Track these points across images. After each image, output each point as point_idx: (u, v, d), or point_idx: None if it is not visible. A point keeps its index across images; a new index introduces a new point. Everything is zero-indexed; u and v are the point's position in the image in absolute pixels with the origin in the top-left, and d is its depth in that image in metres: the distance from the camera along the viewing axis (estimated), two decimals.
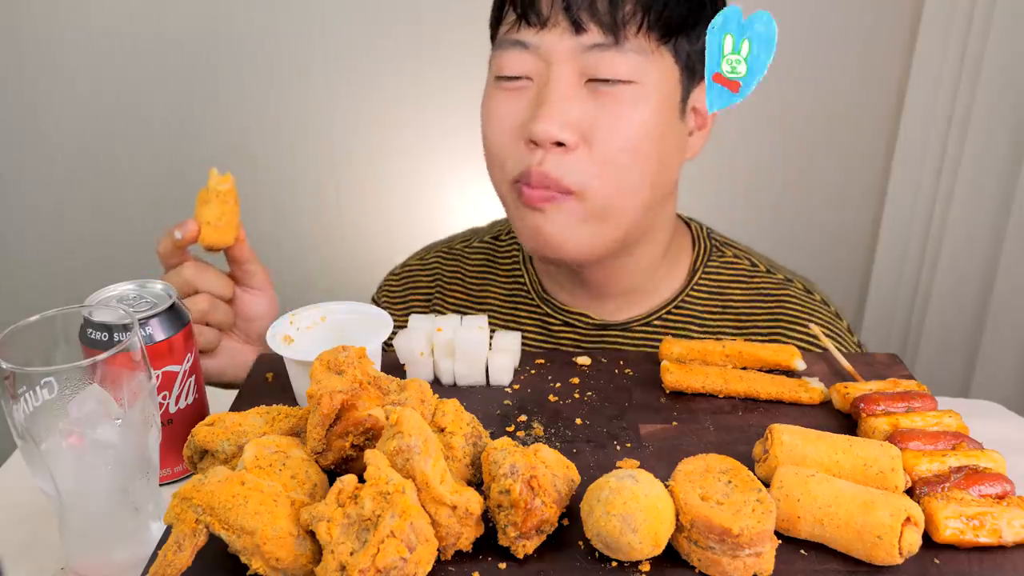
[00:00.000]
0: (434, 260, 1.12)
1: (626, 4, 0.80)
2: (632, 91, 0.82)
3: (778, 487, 0.58)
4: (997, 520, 0.57)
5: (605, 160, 0.83)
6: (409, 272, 1.14)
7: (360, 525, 0.51)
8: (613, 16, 0.80)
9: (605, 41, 0.80)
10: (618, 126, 0.82)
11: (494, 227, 1.13)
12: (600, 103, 0.82)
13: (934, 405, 0.70)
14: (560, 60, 0.82)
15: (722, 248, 1.01)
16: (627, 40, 0.80)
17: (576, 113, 0.82)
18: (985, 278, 1.78)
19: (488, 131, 0.88)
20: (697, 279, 0.98)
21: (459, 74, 1.87)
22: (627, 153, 0.83)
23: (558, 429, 0.71)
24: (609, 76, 0.81)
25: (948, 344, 1.87)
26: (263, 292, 0.92)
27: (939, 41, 1.72)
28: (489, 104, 0.88)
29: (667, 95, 0.84)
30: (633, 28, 0.80)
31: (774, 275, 1.00)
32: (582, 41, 0.81)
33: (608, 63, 0.81)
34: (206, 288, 0.87)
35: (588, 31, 0.80)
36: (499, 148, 0.87)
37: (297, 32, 1.85)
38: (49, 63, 1.86)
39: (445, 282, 1.10)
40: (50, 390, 0.56)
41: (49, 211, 1.99)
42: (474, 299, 1.07)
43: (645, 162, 0.84)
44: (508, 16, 0.85)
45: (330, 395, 0.58)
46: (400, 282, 1.14)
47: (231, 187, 0.85)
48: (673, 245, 0.98)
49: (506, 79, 0.86)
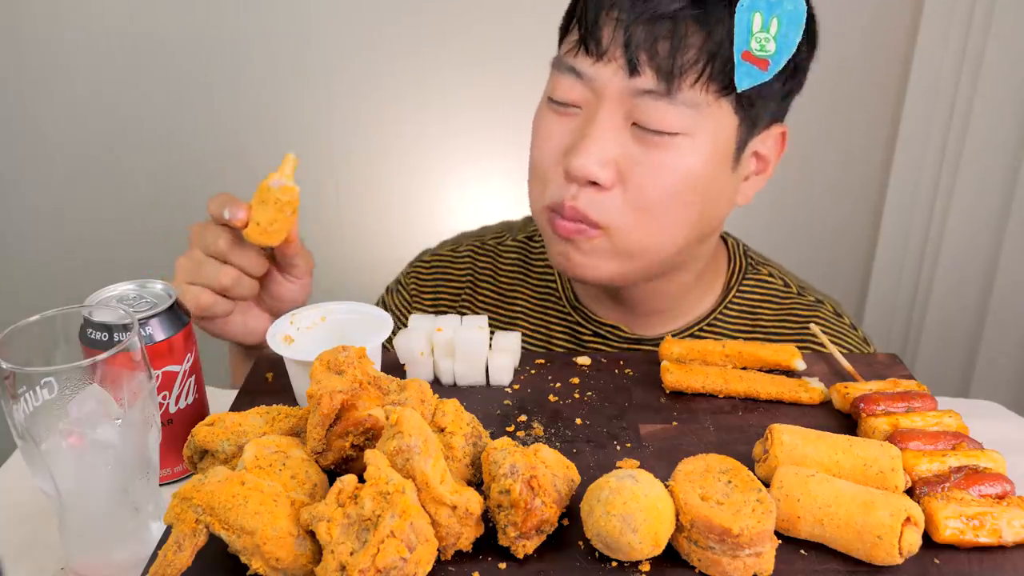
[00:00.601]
0: (467, 253, 1.09)
1: (689, 51, 0.76)
2: (679, 141, 0.79)
3: (778, 487, 0.58)
4: (997, 520, 0.57)
5: (638, 205, 0.81)
6: (441, 262, 1.10)
7: (360, 525, 0.51)
8: (671, 62, 0.76)
9: (657, 89, 0.77)
10: (658, 174, 0.79)
11: (528, 226, 1.10)
12: (643, 148, 0.79)
13: (934, 405, 0.70)
14: (609, 98, 0.79)
15: (757, 267, 1.01)
16: (680, 91, 0.77)
17: (616, 153, 0.79)
18: (985, 278, 1.78)
19: (534, 149, 0.87)
20: (731, 297, 0.98)
21: (460, 74, 1.87)
22: (663, 201, 0.80)
23: (558, 429, 0.71)
24: (655, 127, 0.78)
25: (948, 344, 1.87)
26: (300, 280, 0.91)
27: (939, 40, 1.71)
28: (539, 122, 0.87)
29: (719, 146, 0.81)
30: (691, 78, 0.77)
31: (805, 296, 0.99)
32: (635, 84, 0.78)
33: (657, 113, 0.78)
34: (237, 262, 0.83)
35: (642, 75, 0.77)
36: (542, 169, 0.85)
37: (296, 32, 1.85)
38: (49, 63, 1.85)
39: (477, 278, 1.07)
40: (50, 390, 0.56)
41: (49, 211, 1.98)
42: (505, 300, 1.05)
43: (683, 211, 0.82)
44: (572, 34, 0.83)
45: (330, 395, 0.58)
46: (431, 271, 1.10)
47: (293, 197, 0.82)
48: (710, 263, 0.97)
49: (557, 103, 0.84)
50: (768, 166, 0.89)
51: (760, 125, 0.84)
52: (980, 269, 1.78)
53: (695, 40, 0.77)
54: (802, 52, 0.80)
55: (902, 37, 1.78)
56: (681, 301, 0.96)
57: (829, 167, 1.92)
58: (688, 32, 0.76)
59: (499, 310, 1.05)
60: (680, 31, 0.76)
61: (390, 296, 1.14)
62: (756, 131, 0.84)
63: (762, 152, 0.87)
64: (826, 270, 2.00)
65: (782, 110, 0.87)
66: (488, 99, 1.86)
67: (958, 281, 1.81)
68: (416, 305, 1.09)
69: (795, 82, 0.84)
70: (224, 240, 0.82)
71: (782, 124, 0.87)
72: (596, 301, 0.99)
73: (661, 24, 0.76)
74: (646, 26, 0.76)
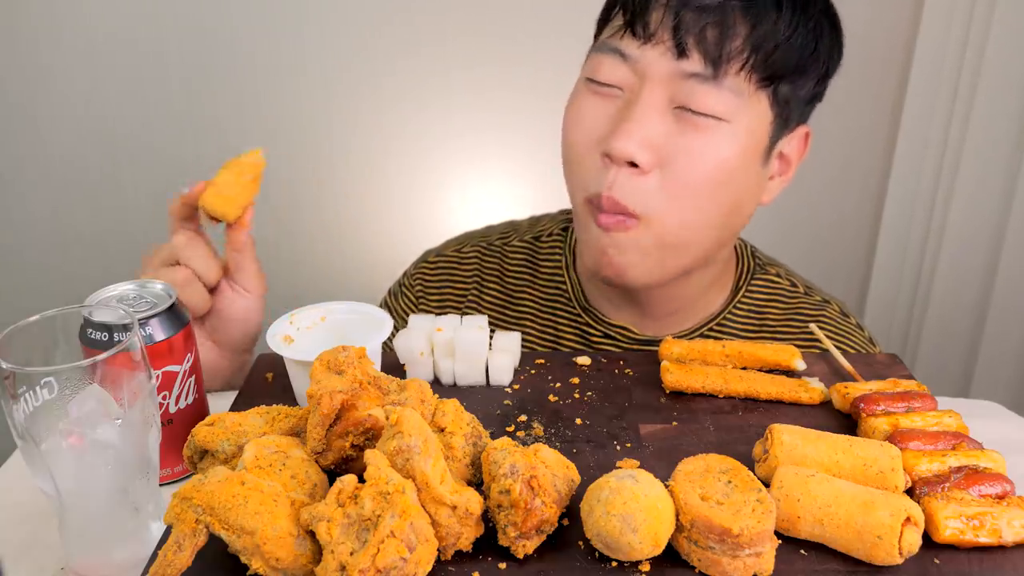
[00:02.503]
0: (473, 254, 1.08)
1: (736, 39, 0.78)
2: (719, 128, 0.80)
3: (778, 487, 0.58)
4: (997, 520, 0.57)
5: (676, 190, 0.81)
6: (445, 263, 1.10)
7: (360, 525, 0.51)
8: (719, 48, 0.77)
9: (704, 72, 0.78)
10: (698, 159, 0.80)
11: (535, 226, 1.09)
12: (684, 132, 0.80)
13: (934, 405, 0.70)
14: (655, 79, 0.80)
15: (765, 267, 1.01)
16: (726, 77, 0.78)
17: (658, 136, 0.80)
18: (986, 278, 1.78)
19: (570, 133, 0.86)
20: (739, 298, 0.98)
21: (460, 74, 1.87)
22: (700, 188, 0.81)
23: (558, 429, 0.71)
24: (701, 109, 0.79)
25: (948, 344, 1.87)
26: (249, 295, 0.85)
27: (939, 39, 1.71)
28: (576, 104, 0.86)
29: (755, 139, 0.82)
30: (736, 65, 0.78)
31: (812, 296, 1.00)
32: (682, 66, 0.79)
33: (702, 96, 0.79)
34: (189, 263, 0.81)
35: (690, 58, 0.78)
36: (578, 156, 0.85)
37: (296, 32, 1.85)
38: (48, 64, 1.85)
39: (483, 279, 1.07)
40: (50, 390, 0.56)
41: (48, 211, 1.98)
42: (512, 300, 1.05)
43: (718, 201, 0.82)
44: (615, 20, 0.83)
45: (330, 395, 0.58)
46: (435, 272, 1.09)
47: (255, 161, 0.80)
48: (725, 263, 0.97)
49: (597, 83, 0.84)
50: (790, 168, 0.89)
51: (791, 123, 0.85)
52: (980, 269, 1.78)
53: (741, 30, 0.78)
54: (835, 57, 0.84)
55: (902, 37, 1.78)
56: (694, 302, 0.97)
57: (829, 166, 1.92)
58: (735, 22, 0.78)
59: (506, 311, 1.04)
60: (728, 20, 0.78)
61: (393, 299, 1.13)
62: (787, 130, 0.85)
63: (786, 152, 0.88)
64: (826, 269, 2.00)
65: (808, 112, 0.88)
66: (489, 99, 1.86)
67: (958, 281, 1.81)
68: (422, 307, 1.08)
69: (823, 87, 0.86)
70: (180, 236, 0.81)
71: (807, 126, 0.89)
72: (608, 302, 0.98)
73: (709, 12, 0.78)
74: (695, 13, 0.78)
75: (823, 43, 0.83)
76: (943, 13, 1.70)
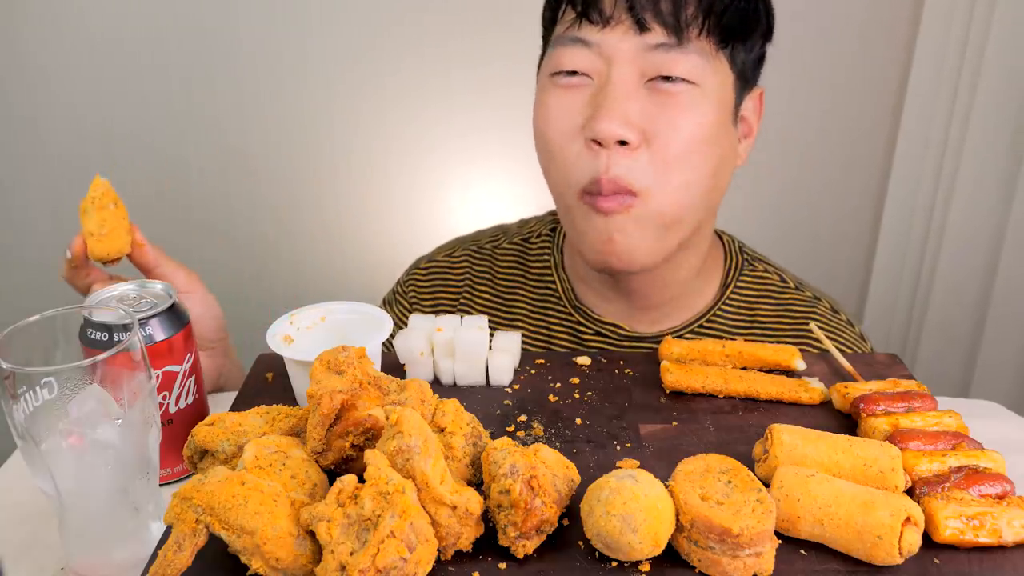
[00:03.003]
0: (464, 258, 1.09)
1: (688, 6, 0.80)
2: (692, 92, 0.81)
3: (778, 487, 0.58)
4: (997, 520, 0.57)
5: (665, 162, 0.82)
6: (437, 268, 1.10)
7: (360, 525, 0.51)
8: (676, 17, 0.80)
9: (668, 41, 0.80)
10: (679, 127, 0.82)
11: (524, 228, 1.10)
12: (660, 104, 0.81)
13: (934, 405, 0.70)
14: (622, 59, 0.81)
15: (753, 262, 1.01)
16: (690, 41, 0.81)
17: (637, 112, 0.81)
18: (985, 278, 1.78)
19: (545, 131, 0.86)
20: (729, 293, 0.98)
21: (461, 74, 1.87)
22: (686, 156, 0.82)
23: (558, 429, 0.71)
24: (673, 74, 0.81)
25: (948, 344, 1.87)
26: (190, 294, 0.86)
27: (939, 39, 1.71)
28: (544, 101, 0.86)
29: (723, 100, 0.84)
30: (695, 30, 0.81)
31: (803, 292, 1.00)
32: (646, 40, 0.81)
33: (672, 62, 0.81)
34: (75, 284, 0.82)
35: (652, 30, 0.80)
36: (560, 151, 0.85)
37: (297, 32, 1.85)
38: (48, 64, 1.85)
39: (475, 282, 1.07)
40: (50, 390, 0.56)
41: (49, 211, 1.98)
42: (503, 302, 1.05)
43: (703, 165, 0.84)
44: (566, 15, 0.84)
45: (330, 395, 0.58)
46: (428, 277, 1.10)
47: (106, 190, 0.79)
48: (708, 258, 0.98)
49: (563, 75, 0.84)
50: (752, 129, 0.92)
51: (748, 85, 0.88)
52: (980, 269, 1.78)
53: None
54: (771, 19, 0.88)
55: (902, 36, 1.79)
56: (683, 293, 0.97)
57: (829, 166, 1.92)
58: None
59: (498, 313, 1.05)
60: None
61: (388, 308, 1.14)
62: (746, 91, 0.89)
63: (745, 115, 0.90)
64: (826, 269, 2.00)
65: (757, 75, 0.91)
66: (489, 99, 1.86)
67: (958, 281, 1.81)
68: (416, 312, 1.09)
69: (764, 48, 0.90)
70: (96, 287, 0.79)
71: (759, 86, 0.92)
72: (599, 297, 0.99)
73: None
74: None
75: (761, 4, 0.86)
76: (943, 13, 1.70)
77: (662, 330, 0.98)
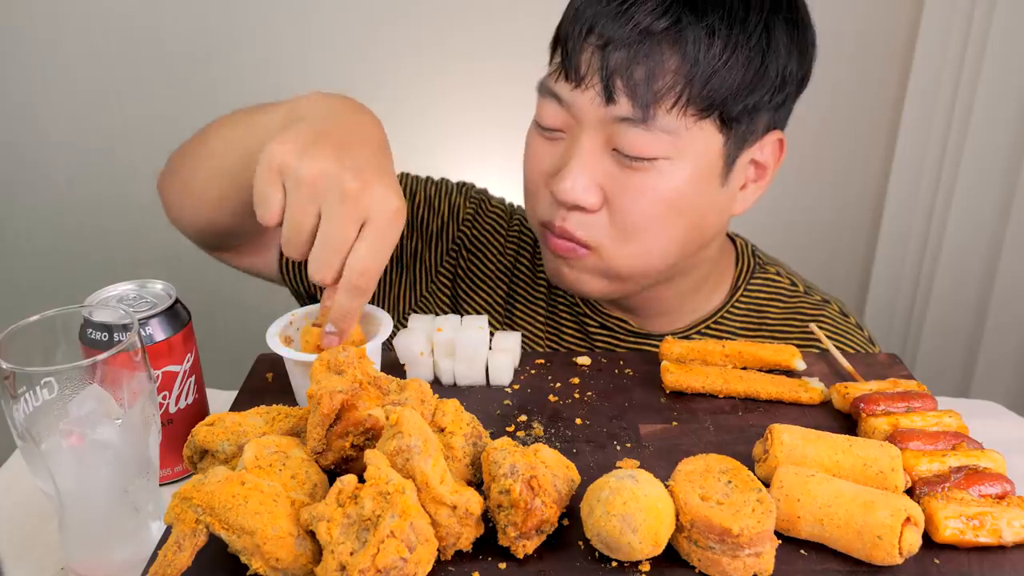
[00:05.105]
0: (516, 230, 1.07)
1: (665, 75, 0.76)
2: (659, 165, 0.79)
3: (778, 487, 0.58)
4: (997, 520, 0.57)
5: (624, 226, 0.82)
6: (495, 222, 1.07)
7: (360, 525, 0.51)
8: (648, 87, 0.76)
9: (633, 116, 0.77)
10: (640, 197, 0.80)
11: None
12: (624, 172, 0.80)
13: (934, 405, 0.70)
14: (588, 125, 0.80)
15: (765, 266, 1.01)
16: (656, 119, 0.77)
17: (599, 177, 0.81)
18: (985, 278, 1.78)
19: (526, 168, 0.89)
20: (738, 296, 0.98)
21: (461, 75, 1.87)
22: (647, 224, 0.81)
23: (558, 429, 0.71)
24: (633, 154, 0.78)
25: (948, 344, 1.87)
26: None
27: (939, 39, 1.71)
28: (529, 143, 0.89)
29: (703, 165, 0.81)
30: (667, 103, 0.76)
31: (812, 296, 1.00)
32: (611, 111, 0.78)
33: (633, 140, 0.78)
34: None
35: (617, 103, 0.77)
36: (534, 187, 0.88)
37: (297, 32, 1.85)
38: (49, 63, 1.85)
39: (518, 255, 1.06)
40: (50, 390, 0.56)
41: (49, 211, 1.98)
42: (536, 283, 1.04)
43: (668, 231, 0.83)
44: (556, 57, 0.84)
45: (330, 395, 0.58)
46: (489, 222, 1.07)
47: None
48: (719, 264, 0.97)
49: (543, 128, 0.85)
50: (767, 173, 0.88)
51: (753, 137, 0.83)
52: (980, 269, 1.78)
53: (671, 64, 0.76)
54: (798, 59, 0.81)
55: (902, 37, 1.78)
56: (684, 303, 0.97)
57: (829, 167, 1.92)
58: (665, 56, 0.76)
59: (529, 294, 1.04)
60: (656, 55, 0.76)
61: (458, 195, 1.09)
62: (749, 143, 0.83)
63: (760, 160, 0.86)
64: (826, 269, 2.00)
65: (780, 118, 0.86)
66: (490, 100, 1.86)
67: (958, 281, 1.81)
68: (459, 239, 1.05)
69: (786, 92, 0.83)
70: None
71: (780, 132, 0.87)
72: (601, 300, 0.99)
73: (637, 48, 0.76)
74: (622, 51, 0.76)
75: (772, 53, 0.79)
76: (943, 13, 1.69)
77: (669, 330, 0.98)
